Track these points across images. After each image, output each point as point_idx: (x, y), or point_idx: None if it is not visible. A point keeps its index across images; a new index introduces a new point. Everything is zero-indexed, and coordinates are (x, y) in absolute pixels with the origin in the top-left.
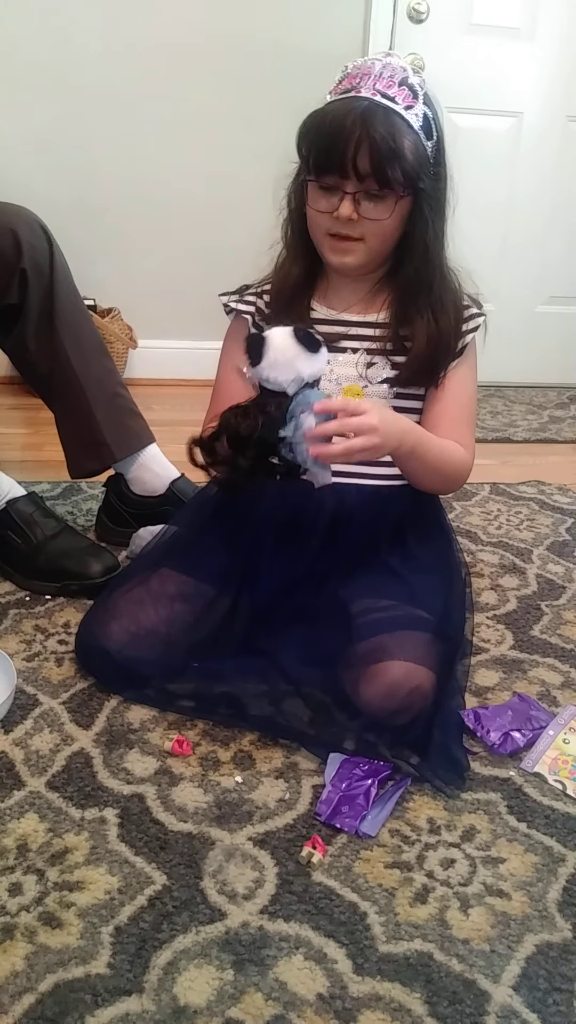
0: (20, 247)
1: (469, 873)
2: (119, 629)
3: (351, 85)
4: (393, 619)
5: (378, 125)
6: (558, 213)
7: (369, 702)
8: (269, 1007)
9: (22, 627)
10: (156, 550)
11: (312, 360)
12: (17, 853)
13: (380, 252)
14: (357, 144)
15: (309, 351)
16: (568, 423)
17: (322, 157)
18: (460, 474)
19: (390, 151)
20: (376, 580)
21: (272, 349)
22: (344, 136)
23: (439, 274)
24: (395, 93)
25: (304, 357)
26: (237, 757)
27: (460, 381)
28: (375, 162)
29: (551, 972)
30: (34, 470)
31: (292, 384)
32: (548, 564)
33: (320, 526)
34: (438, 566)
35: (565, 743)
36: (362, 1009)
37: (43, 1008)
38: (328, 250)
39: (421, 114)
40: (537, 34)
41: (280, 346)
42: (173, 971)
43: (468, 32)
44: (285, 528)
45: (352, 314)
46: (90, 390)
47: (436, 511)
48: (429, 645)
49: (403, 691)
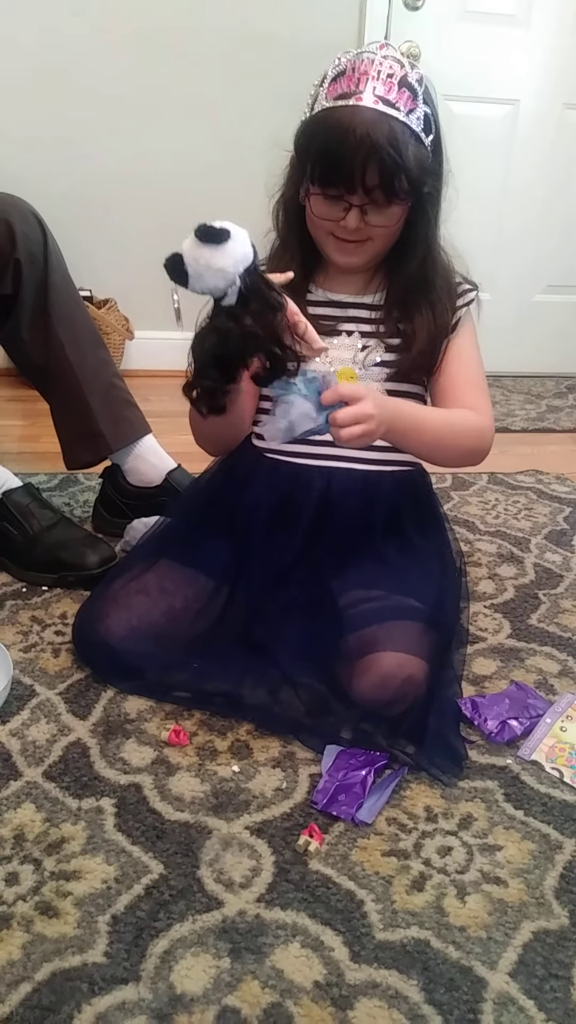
0: (14, 237)
1: (466, 861)
2: (117, 621)
3: (350, 89)
4: (383, 610)
5: (384, 140)
6: (554, 201)
7: (363, 694)
8: (266, 995)
9: (19, 618)
10: (152, 541)
11: (225, 252)
12: (14, 843)
13: (384, 250)
14: (364, 159)
15: (220, 244)
16: (566, 412)
17: (328, 170)
18: (478, 441)
19: (396, 166)
20: (368, 570)
21: (188, 264)
22: (350, 151)
23: (439, 269)
24: (396, 98)
25: (219, 252)
26: (234, 746)
27: (459, 351)
28: (382, 176)
29: (548, 959)
30: (31, 461)
31: (227, 283)
32: (546, 553)
33: (309, 509)
34: (432, 554)
35: (562, 731)
36: (359, 996)
37: (40, 997)
38: (332, 250)
39: (421, 115)
40: (532, 21)
41: (192, 256)
42: (170, 959)
43: (464, 19)
44: (275, 513)
45: (348, 295)
46: (86, 381)
47: (429, 497)
48: (421, 634)
49: (396, 682)
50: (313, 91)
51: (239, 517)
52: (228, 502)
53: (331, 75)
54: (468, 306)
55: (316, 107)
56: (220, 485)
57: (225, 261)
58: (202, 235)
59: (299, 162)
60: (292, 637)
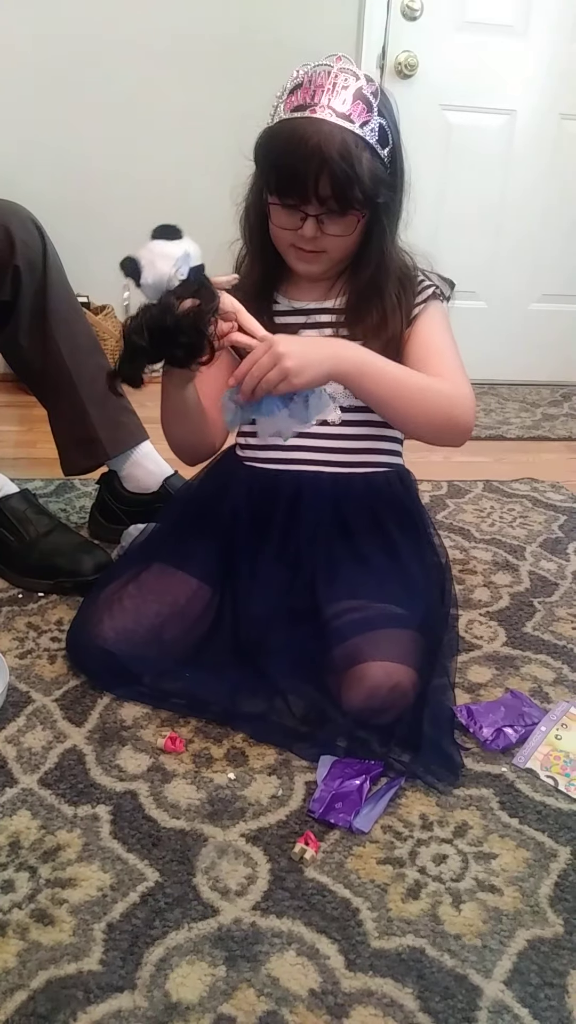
0: (13, 243)
1: (461, 869)
2: (110, 626)
3: (305, 101)
4: (367, 619)
5: (336, 153)
6: (551, 210)
7: (352, 705)
8: (261, 1003)
9: (15, 624)
10: (143, 546)
11: (176, 244)
12: (9, 850)
13: (344, 259)
14: (317, 171)
15: (170, 238)
16: (561, 421)
17: (283, 181)
18: (450, 408)
19: (348, 179)
20: (351, 576)
21: (141, 256)
22: (303, 163)
23: (391, 275)
24: (350, 110)
25: (170, 244)
26: (230, 754)
27: (421, 331)
28: (335, 187)
29: (542, 967)
30: (27, 467)
31: (175, 266)
32: (541, 561)
33: (281, 513)
34: (412, 556)
35: (557, 739)
36: (354, 1005)
37: (35, 1005)
38: (293, 259)
39: (376, 127)
40: (530, 31)
41: (147, 248)
42: (165, 967)
43: (462, 29)
44: (252, 519)
45: (311, 302)
46: (83, 387)
47: (408, 499)
48: (406, 641)
49: (383, 691)
50: (274, 102)
51: (223, 522)
52: (213, 508)
53: (289, 87)
54: (426, 302)
55: (275, 119)
56: (206, 491)
57: (174, 250)
58: (158, 230)
59: (258, 172)
60: (281, 648)
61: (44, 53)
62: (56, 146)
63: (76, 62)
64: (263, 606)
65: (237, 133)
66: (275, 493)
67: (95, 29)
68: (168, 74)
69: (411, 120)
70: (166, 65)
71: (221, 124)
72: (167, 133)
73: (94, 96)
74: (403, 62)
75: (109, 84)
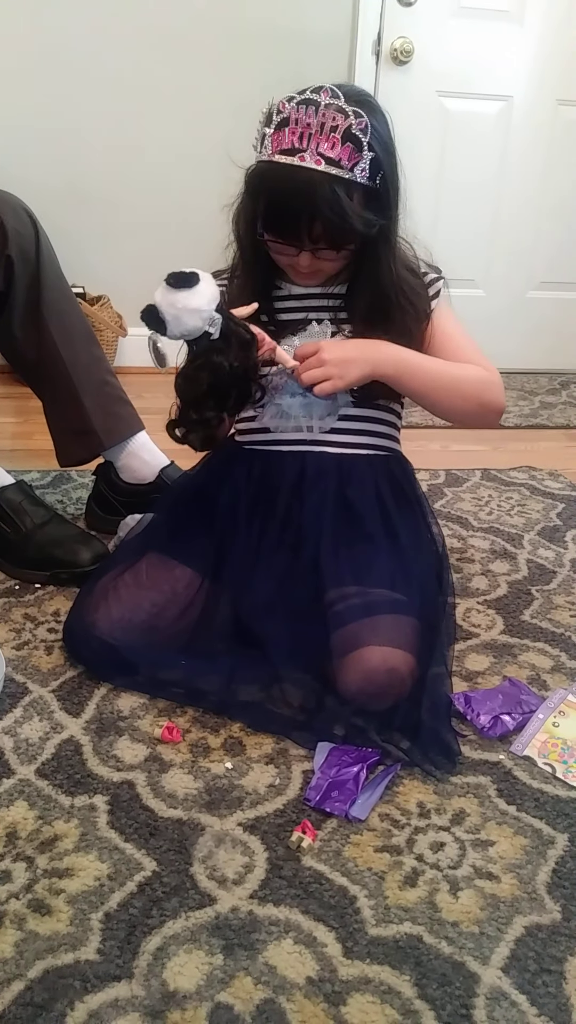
0: (5, 233)
1: (459, 856)
2: (106, 616)
3: (293, 146)
4: (366, 605)
5: (325, 204)
6: (548, 197)
7: (349, 690)
8: (259, 991)
9: (11, 616)
10: (139, 536)
11: (198, 293)
12: (6, 840)
13: (344, 266)
14: (308, 219)
15: (191, 287)
16: (559, 409)
17: (275, 224)
18: (484, 390)
19: (339, 227)
20: (355, 561)
21: (164, 311)
22: (294, 212)
23: (397, 284)
24: (339, 155)
25: (193, 294)
26: (227, 743)
27: (440, 324)
28: (327, 233)
29: (540, 954)
30: (23, 459)
31: (205, 323)
32: (539, 549)
33: (285, 493)
34: (410, 541)
35: (554, 726)
36: (352, 992)
37: (32, 995)
38: (292, 275)
39: (367, 165)
40: (526, 17)
41: (168, 303)
42: (163, 956)
43: (458, 15)
44: (254, 501)
45: (313, 287)
46: (78, 378)
47: (406, 484)
48: (403, 626)
49: (379, 675)
50: (259, 128)
51: (221, 508)
52: (211, 495)
53: (276, 121)
54: (438, 295)
55: (262, 151)
56: (204, 479)
57: (199, 301)
58: (174, 281)
59: (249, 203)
60: (280, 634)
61: (37, 40)
62: (50, 136)
63: (70, 48)
64: (264, 591)
65: (233, 120)
66: (279, 473)
67: (89, 15)
68: (164, 62)
69: (408, 107)
70: (161, 52)
71: (217, 111)
72: (162, 120)
73: (91, 84)
74: (399, 48)
75: (103, 71)
